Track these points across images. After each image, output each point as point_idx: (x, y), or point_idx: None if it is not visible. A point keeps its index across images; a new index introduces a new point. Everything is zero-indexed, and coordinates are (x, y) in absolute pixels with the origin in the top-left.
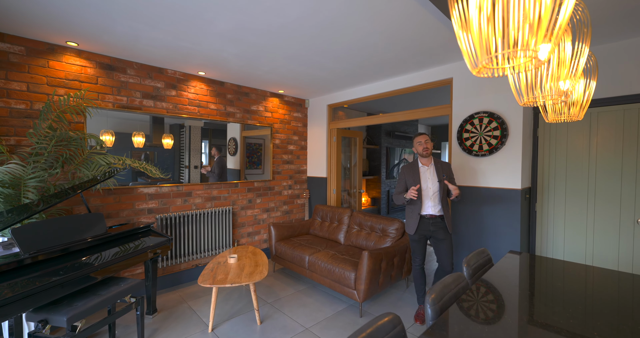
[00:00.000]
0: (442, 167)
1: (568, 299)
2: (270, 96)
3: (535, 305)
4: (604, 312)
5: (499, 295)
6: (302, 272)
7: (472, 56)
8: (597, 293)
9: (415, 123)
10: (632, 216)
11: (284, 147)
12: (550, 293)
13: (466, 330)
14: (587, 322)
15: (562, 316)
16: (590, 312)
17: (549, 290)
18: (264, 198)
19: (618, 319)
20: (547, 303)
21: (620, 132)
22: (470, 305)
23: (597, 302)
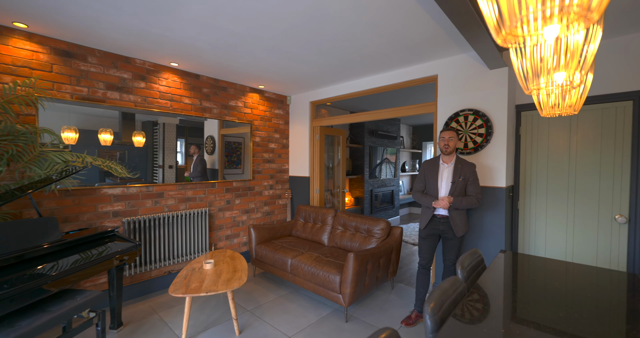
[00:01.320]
0: (463, 168)
1: (569, 301)
2: (250, 91)
3: (540, 310)
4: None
5: (497, 301)
6: (284, 276)
7: (494, 17)
8: (597, 293)
9: (397, 123)
10: (609, 213)
11: (265, 145)
12: (550, 296)
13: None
14: (592, 325)
15: (570, 320)
16: (591, 315)
17: (549, 293)
18: (244, 198)
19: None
20: (549, 307)
21: (599, 131)
22: (471, 315)
23: (603, 302)
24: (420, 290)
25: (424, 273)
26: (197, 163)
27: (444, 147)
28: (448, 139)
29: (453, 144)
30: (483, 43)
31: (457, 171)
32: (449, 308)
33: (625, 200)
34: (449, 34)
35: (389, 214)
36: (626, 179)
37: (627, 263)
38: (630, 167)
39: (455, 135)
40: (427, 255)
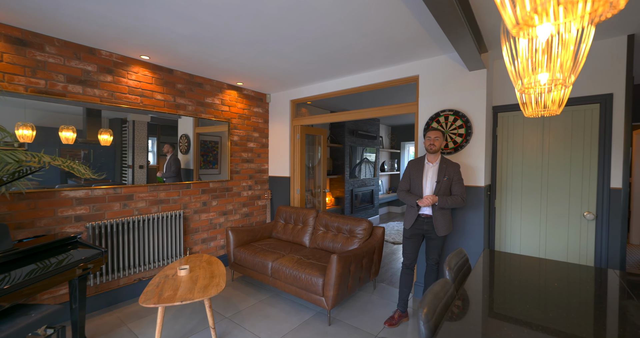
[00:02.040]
0: (448, 168)
1: (558, 300)
2: (228, 88)
3: (532, 311)
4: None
5: (489, 303)
6: (264, 280)
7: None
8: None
9: (377, 123)
10: (579, 211)
11: (243, 144)
12: (537, 295)
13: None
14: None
15: (560, 319)
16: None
17: (534, 291)
18: (221, 200)
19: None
20: (540, 307)
21: (569, 132)
22: (467, 321)
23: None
24: (403, 290)
25: (407, 273)
26: (170, 162)
27: (430, 146)
28: (434, 138)
29: (439, 144)
30: (465, 44)
31: (441, 170)
32: (442, 312)
33: (593, 198)
34: (431, 34)
35: (368, 213)
36: (594, 178)
37: (595, 258)
38: (598, 166)
39: (441, 135)
40: (411, 255)
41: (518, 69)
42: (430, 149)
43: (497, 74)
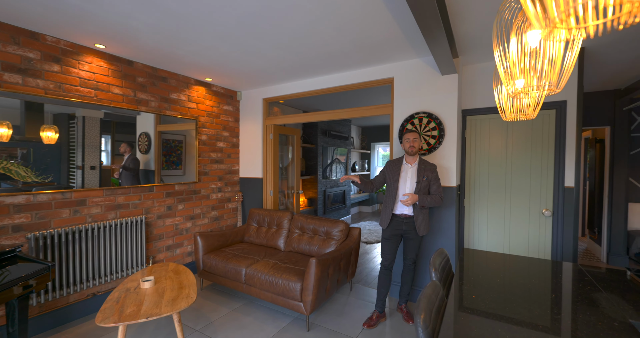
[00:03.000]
0: (426, 169)
1: (539, 297)
2: (195, 84)
3: (518, 309)
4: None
5: (482, 302)
6: (237, 287)
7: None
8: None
9: (348, 123)
10: (538, 208)
11: (212, 144)
12: (528, 293)
13: None
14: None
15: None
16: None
17: (526, 289)
18: (188, 203)
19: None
20: (527, 306)
21: (530, 135)
22: (461, 322)
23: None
24: (381, 291)
25: (386, 274)
26: (129, 163)
27: (410, 148)
28: (413, 140)
29: (418, 145)
30: (441, 48)
31: (420, 171)
32: (437, 316)
33: (550, 196)
34: (407, 37)
35: (341, 214)
36: (550, 177)
37: (551, 252)
38: (554, 167)
39: (419, 136)
40: (390, 255)
41: (512, 73)
42: (410, 151)
43: (465, 79)
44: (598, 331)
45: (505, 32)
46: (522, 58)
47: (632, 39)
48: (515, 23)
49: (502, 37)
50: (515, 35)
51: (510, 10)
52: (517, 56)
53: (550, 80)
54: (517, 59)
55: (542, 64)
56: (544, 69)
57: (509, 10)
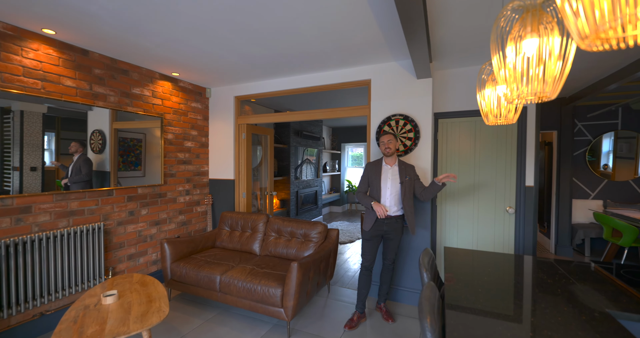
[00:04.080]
0: (406, 169)
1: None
2: (161, 78)
3: (494, 302)
4: None
5: (481, 301)
6: (211, 296)
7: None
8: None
9: (320, 124)
10: (503, 206)
11: (180, 143)
12: (509, 287)
13: None
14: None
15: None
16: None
17: (510, 284)
18: (153, 207)
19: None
20: (506, 298)
21: (495, 138)
22: (467, 323)
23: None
24: (362, 292)
25: (366, 275)
26: (80, 164)
27: (386, 150)
28: (387, 142)
29: (393, 146)
30: (421, 52)
31: (402, 171)
32: (438, 317)
33: (513, 195)
34: (387, 39)
35: (313, 214)
36: (513, 177)
37: (514, 246)
38: (516, 168)
39: (394, 138)
40: (371, 256)
41: (509, 79)
42: (386, 153)
43: (437, 83)
44: (584, 323)
45: (503, 39)
46: (521, 65)
47: (575, 55)
48: (513, 32)
49: (500, 44)
50: (513, 43)
51: (506, 19)
52: (520, 62)
53: (546, 87)
54: (519, 66)
55: (540, 71)
56: (541, 77)
57: (505, 19)
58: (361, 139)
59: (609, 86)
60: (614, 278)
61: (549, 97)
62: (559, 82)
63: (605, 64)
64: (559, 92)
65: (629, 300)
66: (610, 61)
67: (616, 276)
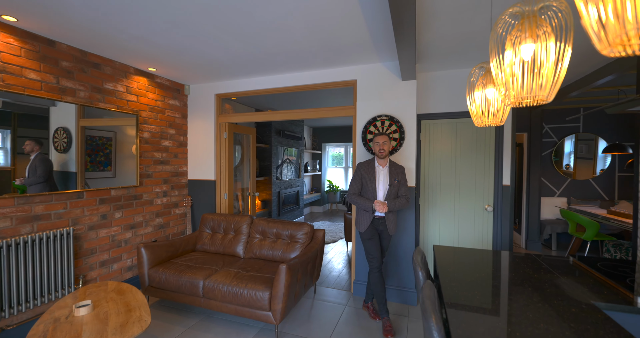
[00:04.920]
0: (396, 171)
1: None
2: (135, 73)
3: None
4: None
5: (477, 297)
6: (193, 302)
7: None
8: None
9: (301, 123)
10: (482, 204)
11: (156, 142)
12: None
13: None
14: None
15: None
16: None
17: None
18: (128, 210)
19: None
20: (488, 295)
21: (475, 138)
22: (470, 321)
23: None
24: (381, 294)
25: (379, 276)
26: (36, 164)
27: (380, 151)
28: (382, 143)
29: (387, 148)
30: (408, 53)
31: (392, 173)
32: (441, 315)
33: (491, 193)
34: (374, 40)
35: (294, 215)
36: (491, 176)
37: (493, 243)
38: (494, 167)
39: (388, 139)
40: (377, 254)
41: (507, 83)
42: (380, 155)
43: (420, 85)
44: (575, 315)
45: (501, 44)
46: (519, 69)
47: None
48: (511, 37)
49: (500, 49)
50: (512, 47)
51: (505, 25)
52: (518, 66)
53: (543, 90)
54: (516, 70)
55: (537, 75)
56: (540, 80)
57: (504, 24)
58: (342, 140)
59: (573, 92)
60: (592, 271)
61: (546, 100)
62: (555, 86)
63: (570, 72)
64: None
65: (609, 291)
66: (576, 69)
67: (594, 270)
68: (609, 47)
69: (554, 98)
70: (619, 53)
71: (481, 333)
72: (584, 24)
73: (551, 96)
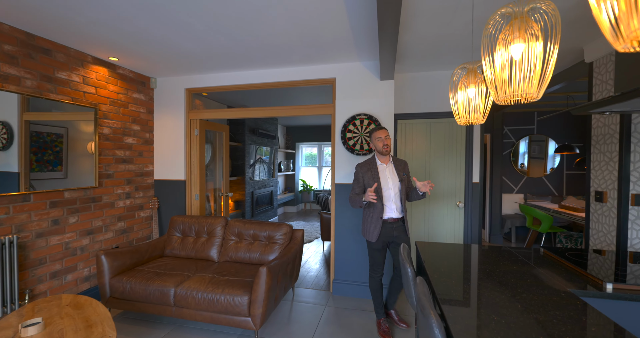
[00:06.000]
0: (401, 165)
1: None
2: (94, 62)
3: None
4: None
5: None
6: (164, 312)
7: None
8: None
9: (275, 122)
10: (454, 201)
11: (118, 139)
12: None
13: None
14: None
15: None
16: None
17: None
18: (84, 214)
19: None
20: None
21: (447, 138)
22: (462, 316)
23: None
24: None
25: (379, 282)
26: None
27: (383, 147)
28: (385, 138)
29: (390, 143)
30: (389, 53)
31: (398, 168)
32: (435, 310)
33: (462, 190)
34: (355, 40)
35: (268, 215)
36: (462, 174)
37: (464, 237)
38: (465, 166)
39: (388, 133)
40: (382, 265)
41: (499, 81)
42: (384, 151)
43: (396, 86)
44: (557, 303)
45: (492, 43)
46: (509, 68)
47: None
48: (501, 37)
49: (490, 46)
50: (502, 47)
51: (494, 25)
52: (507, 65)
53: (530, 89)
54: (507, 69)
55: (527, 74)
56: (528, 79)
57: (494, 24)
58: (316, 139)
59: None
60: (563, 261)
61: (534, 98)
62: (543, 84)
63: None
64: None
65: (580, 279)
66: None
67: (564, 259)
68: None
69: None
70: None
71: (477, 326)
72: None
73: (539, 94)
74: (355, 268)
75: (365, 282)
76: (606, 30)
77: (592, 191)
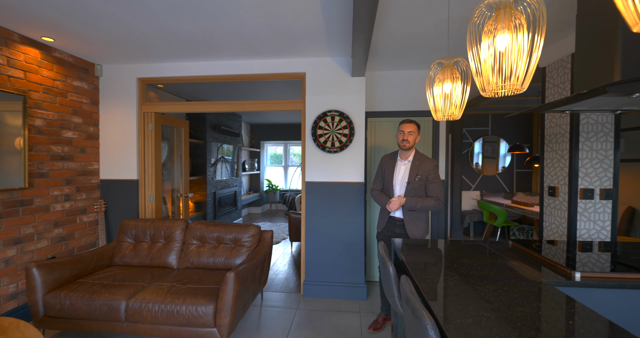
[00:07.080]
0: (421, 165)
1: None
2: (22, 42)
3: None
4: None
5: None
6: (112, 329)
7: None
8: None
9: (239, 119)
10: None
11: (55, 133)
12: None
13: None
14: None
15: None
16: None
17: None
18: (10, 220)
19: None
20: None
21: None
22: (452, 313)
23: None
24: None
25: None
26: None
27: (403, 142)
28: (407, 133)
29: (413, 139)
30: (362, 49)
31: (414, 168)
32: (426, 309)
33: None
34: (327, 33)
35: (232, 217)
36: None
37: (431, 233)
38: None
39: (417, 129)
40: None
41: (484, 73)
42: (403, 146)
43: (367, 84)
44: (537, 295)
45: (477, 35)
46: (494, 59)
47: None
48: (486, 28)
49: (476, 39)
50: (488, 38)
51: (480, 15)
52: (493, 57)
53: (517, 80)
54: (491, 61)
55: (512, 65)
56: (515, 70)
57: (480, 15)
58: (281, 138)
59: (483, 102)
60: (532, 252)
61: (520, 90)
62: (528, 76)
63: None
64: (528, 85)
65: (550, 269)
66: None
67: (532, 250)
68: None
69: (471, 105)
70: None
71: (470, 324)
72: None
73: (525, 86)
74: (326, 268)
75: (338, 282)
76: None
77: (546, 186)
